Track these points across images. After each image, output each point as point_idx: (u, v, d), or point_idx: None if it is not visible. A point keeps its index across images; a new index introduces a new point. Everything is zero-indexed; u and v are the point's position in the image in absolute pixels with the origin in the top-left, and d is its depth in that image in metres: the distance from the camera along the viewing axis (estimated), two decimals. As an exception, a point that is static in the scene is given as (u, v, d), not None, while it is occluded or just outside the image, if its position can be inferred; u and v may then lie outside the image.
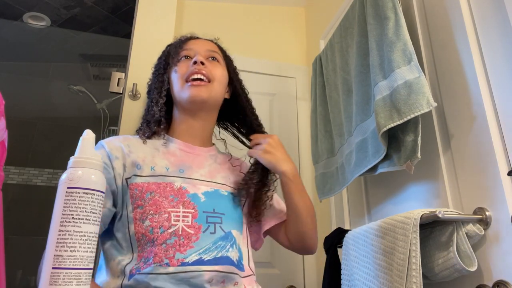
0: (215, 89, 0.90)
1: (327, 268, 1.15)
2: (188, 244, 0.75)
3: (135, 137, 0.90)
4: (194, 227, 0.77)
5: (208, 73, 0.89)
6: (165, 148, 0.88)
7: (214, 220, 0.80)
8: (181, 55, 0.94)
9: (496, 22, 0.83)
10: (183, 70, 0.90)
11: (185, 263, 0.73)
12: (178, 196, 0.79)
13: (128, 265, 0.74)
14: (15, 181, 2.56)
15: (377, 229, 0.91)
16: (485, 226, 0.78)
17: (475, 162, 0.84)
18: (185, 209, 0.78)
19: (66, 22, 2.49)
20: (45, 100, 2.75)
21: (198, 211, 0.79)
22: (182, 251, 0.74)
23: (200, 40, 0.98)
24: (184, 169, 0.85)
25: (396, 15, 1.01)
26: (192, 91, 0.87)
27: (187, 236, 0.75)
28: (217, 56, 0.95)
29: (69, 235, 0.47)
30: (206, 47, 0.95)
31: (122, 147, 0.83)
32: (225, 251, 0.78)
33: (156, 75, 0.95)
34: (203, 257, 0.75)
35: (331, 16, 1.73)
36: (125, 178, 0.80)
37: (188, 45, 0.95)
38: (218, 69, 0.93)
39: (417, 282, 0.75)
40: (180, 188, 0.81)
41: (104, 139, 0.86)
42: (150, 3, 1.73)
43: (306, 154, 1.76)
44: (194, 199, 0.81)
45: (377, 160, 1.02)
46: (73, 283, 0.45)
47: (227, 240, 0.80)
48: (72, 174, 0.49)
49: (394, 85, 0.95)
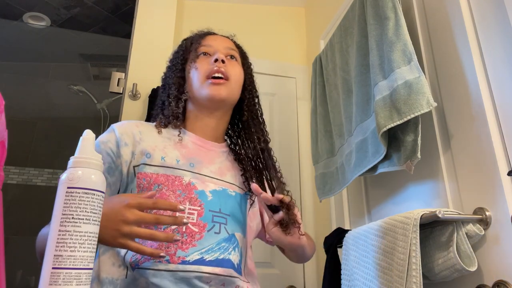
0: (233, 89, 0.90)
1: (327, 268, 1.15)
2: (191, 242, 0.74)
3: (149, 124, 0.89)
4: (199, 225, 0.76)
5: (228, 71, 0.88)
6: (178, 139, 0.87)
7: (219, 220, 0.79)
8: (199, 51, 0.92)
9: (496, 22, 0.83)
10: (203, 67, 0.88)
11: (186, 261, 0.72)
12: (186, 192, 0.78)
13: (126, 254, 0.73)
14: (15, 181, 2.56)
15: (377, 229, 0.91)
16: (485, 226, 0.78)
17: (475, 162, 0.84)
18: (191, 206, 0.77)
19: (66, 22, 2.49)
20: (45, 100, 2.75)
21: (204, 209, 0.78)
22: (184, 249, 0.73)
23: (218, 37, 0.97)
24: (194, 163, 0.84)
25: (396, 15, 1.01)
26: (212, 89, 0.86)
27: (190, 234, 0.74)
28: (235, 55, 0.95)
29: (69, 235, 0.47)
30: (225, 44, 0.94)
31: (134, 133, 0.82)
32: (227, 254, 0.77)
33: (174, 70, 0.93)
34: (205, 257, 0.74)
35: (331, 16, 1.73)
36: (133, 166, 0.79)
37: (207, 41, 0.93)
38: (237, 68, 0.92)
39: (417, 282, 0.75)
40: (188, 183, 0.79)
41: (117, 123, 0.84)
42: (150, 3, 1.73)
43: (306, 154, 1.76)
44: (201, 196, 0.79)
45: (377, 160, 1.02)
46: (73, 283, 0.45)
47: (230, 243, 0.79)
48: (72, 174, 0.49)
49: (394, 85, 0.95)
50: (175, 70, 0.93)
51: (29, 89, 2.69)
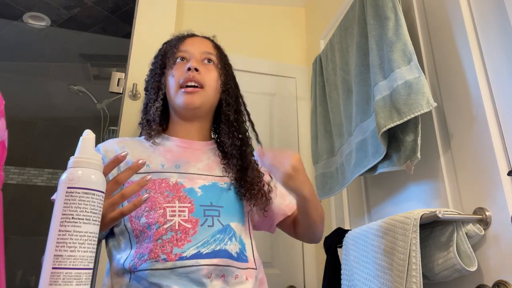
0: (208, 95, 0.91)
1: (327, 268, 1.15)
2: (186, 238, 0.75)
3: (133, 139, 0.92)
4: (191, 221, 0.78)
5: (201, 79, 0.90)
6: (161, 147, 0.89)
7: (211, 213, 0.80)
8: (176, 56, 0.94)
9: (496, 22, 0.83)
10: (178, 75, 0.90)
11: (183, 257, 0.73)
12: (174, 192, 0.80)
13: (125, 261, 0.75)
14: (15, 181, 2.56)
15: (377, 229, 0.91)
16: (485, 226, 0.78)
17: (475, 162, 0.84)
18: (181, 204, 0.79)
19: (66, 22, 2.49)
20: (45, 100, 2.75)
21: (195, 205, 0.80)
22: (179, 246, 0.74)
23: (196, 40, 0.98)
24: (180, 165, 0.86)
25: (396, 15, 1.01)
26: (185, 98, 0.88)
27: (184, 230, 0.76)
28: (212, 58, 0.95)
29: (69, 235, 0.47)
30: (201, 48, 0.95)
31: (116, 149, 0.85)
32: (223, 244, 0.78)
33: (153, 75, 0.96)
34: (202, 250, 0.75)
35: (331, 16, 1.73)
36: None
37: (184, 46, 0.95)
38: (212, 73, 0.93)
39: (417, 282, 0.75)
40: (175, 184, 0.81)
41: (101, 143, 0.87)
42: (150, 3, 1.73)
43: (306, 154, 1.76)
44: (190, 193, 0.81)
45: (377, 160, 1.02)
46: (73, 283, 0.45)
47: (225, 233, 0.80)
48: (72, 174, 0.49)
49: (394, 85, 0.95)
50: (154, 75, 0.95)
51: (29, 89, 2.69)
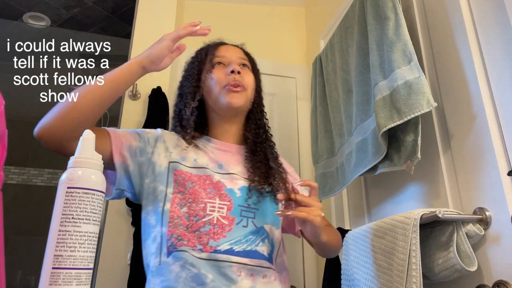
0: (248, 96, 0.97)
1: (327, 268, 1.15)
2: (222, 233, 0.81)
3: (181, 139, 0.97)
4: (229, 218, 0.83)
5: (243, 81, 0.96)
6: (204, 148, 0.95)
7: (247, 215, 0.86)
8: (215, 61, 0.99)
9: (496, 22, 0.83)
10: (220, 77, 0.95)
11: (218, 250, 0.79)
12: (216, 189, 0.86)
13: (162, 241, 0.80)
14: (15, 181, 2.56)
15: (377, 229, 0.91)
16: (485, 226, 0.78)
17: (475, 162, 0.84)
18: (221, 201, 0.85)
19: (66, 22, 2.49)
20: (45, 100, 2.74)
21: (234, 204, 0.86)
22: (216, 239, 0.80)
23: (230, 47, 1.04)
24: (222, 165, 0.92)
25: (396, 15, 1.01)
26: (230, 97, 0.93)
27: (221, 225, 0.82)
28: (246, 63, 1.02)
29: (69, 235, 0.47)
30: (237, 54, 1.02)
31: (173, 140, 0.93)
32: (255, 245, 0.83)
33: (190, 80, 1.00)
34: (234, 247, 0.81)
35: (331, 16, 1.73)
36: (169, 161, 0.88)
37: (220, 52, 1.01)
38: (250, 76, 1.00)
39: (417, 282, 0.75)
40: (218, 182, 0.87)
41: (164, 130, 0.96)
42: (150, 3, 1.73)
43: (306, 154, 1.76)
44: (230, 193, 0.87)
45: (377, 160, 1.02)
46: (73, 283, 0.45)
47: (258, 235, 0.85)
48: (72, 174, 0.49)
49: (394, 85, 0.95)
50: (191, 80, 0.99)
51: (29, 89, 2.69)
